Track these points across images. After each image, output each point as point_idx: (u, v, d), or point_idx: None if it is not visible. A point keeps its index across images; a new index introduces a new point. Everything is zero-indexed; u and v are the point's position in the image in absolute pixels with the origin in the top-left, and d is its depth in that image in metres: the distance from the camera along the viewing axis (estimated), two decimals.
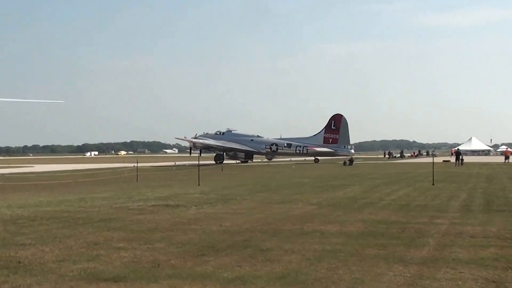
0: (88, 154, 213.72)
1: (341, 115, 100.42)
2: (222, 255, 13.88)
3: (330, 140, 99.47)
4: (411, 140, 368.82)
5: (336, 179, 47.99)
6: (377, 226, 18.71)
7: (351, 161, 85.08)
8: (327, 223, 19.40)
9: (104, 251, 14.20)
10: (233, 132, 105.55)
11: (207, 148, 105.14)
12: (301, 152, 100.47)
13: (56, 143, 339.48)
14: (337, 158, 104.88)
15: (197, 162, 57.28)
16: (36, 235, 16.66)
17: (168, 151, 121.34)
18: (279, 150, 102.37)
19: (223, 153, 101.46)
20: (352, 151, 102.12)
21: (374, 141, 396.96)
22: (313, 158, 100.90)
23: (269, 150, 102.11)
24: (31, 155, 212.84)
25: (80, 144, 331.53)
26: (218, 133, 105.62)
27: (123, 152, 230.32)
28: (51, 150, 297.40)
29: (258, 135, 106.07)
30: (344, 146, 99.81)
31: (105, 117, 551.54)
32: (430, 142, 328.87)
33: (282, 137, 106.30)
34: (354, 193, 31.99)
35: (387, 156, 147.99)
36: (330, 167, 78.95)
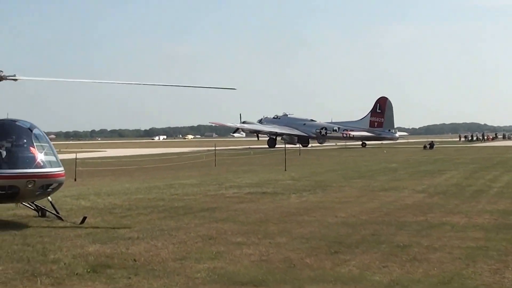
0: (156, 138, 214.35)
1: (386, 98, 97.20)
2: (358, 252, 12.29)
3: (376, 123, 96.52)
4: (481, 123, 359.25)
5: (425, 164, 45.89)
6: (508, 218, 16.81)
7: (431, 145, 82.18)
8: (451, 214, 17.65)
9: (224, 247, 12.70)
10: (288, 116, 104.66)
11: (254, 132, 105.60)
12: (348, 136, 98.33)
13: (123, 128, 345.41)
14: (381, 143, 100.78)
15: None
16: (140, 227, 15.31)
17: (235, 135, 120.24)
18: (328, 134, 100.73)
19: (275, 138, 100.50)
20: (397, 134, 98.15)
21: (444, 124, 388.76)
22: (360, 142, 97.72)
23: (318, 133, 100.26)
24: (99, 139, 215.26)
25: (148, 128, 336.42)
26: (276, 117, 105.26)
27: (190, 136, 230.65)
28: (119, 135, 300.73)
29: (311, 119, 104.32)
30: (389, 130, 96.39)
31: (172, 101, 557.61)
32: (502, 125, 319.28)
33: (332, 121, 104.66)
34: (456, 180, 29.98)
35: (463, 139, 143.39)
36: (410, 151, 76.31)
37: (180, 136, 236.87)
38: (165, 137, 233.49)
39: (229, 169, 42.05)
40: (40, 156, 15.36)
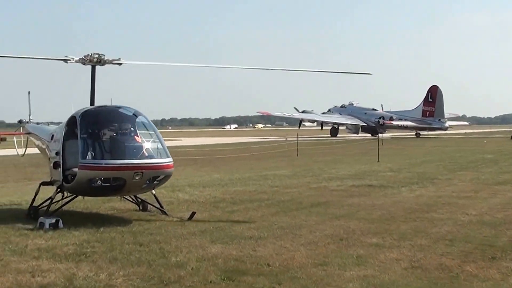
0: (227, 127, 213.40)
1: (437, 87, 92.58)
2: None
3: (428, 113, 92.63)
4: None
5: None
6: None
7: None
8: None
9: (362, 250, 11.30)
10: (354, 105, 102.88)
11: (313, 122, 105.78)
12: (403, 126, 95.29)
13: (193, 116, 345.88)
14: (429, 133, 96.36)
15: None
16: (256, 224, 13.98)
17: (306, 124, 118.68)
18: (385, 124, 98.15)
19: (337, 127, 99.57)
20: (446, 124, 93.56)
21: None
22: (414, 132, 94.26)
23: (377, 123, 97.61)
24: (170, 128, 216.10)
25: (218, 117, 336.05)
26: (342, 106, 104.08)
27: (260, 125, 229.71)
28: (189, 123, 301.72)
29: (373, 108, 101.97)
30: (439, 119, 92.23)
31: (242, 90, 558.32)
32: None
33: (384, 109, 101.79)
34: None
35: None
36: (496, 141, 73.05)
37: (250, 125, 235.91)
38: (236, 126, 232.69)
39: (314, 160, 40.54)
40: (147, 145, 14.17)
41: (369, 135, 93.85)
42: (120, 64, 15.58)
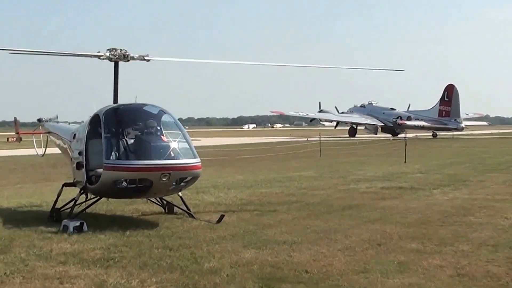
0: (246, 126, 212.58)
1: (453, 86, 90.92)
2: None
3: (444, 112, 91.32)
4: None
5: None
6: None
7: None
8: None
9: (403, 256, 10.93)
10: (373, 105, 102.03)
11: (330, 122, 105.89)
12: (418, 126, 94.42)
13: (210, 116, 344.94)
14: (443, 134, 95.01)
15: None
16: (288, 228, 13.65)
17: (326, 123, 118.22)
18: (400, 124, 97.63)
19: (356, 127, 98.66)
20: (462, 125, 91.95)
21: None
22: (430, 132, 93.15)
23: (394, 122, 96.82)
24: (187, 127, 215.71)
25: (235, 116, 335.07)
26: (362, 106, 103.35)
27: (278, 125, 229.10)
28: (206, 123, 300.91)
29: (392, 108, 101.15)
30: (455, 120, 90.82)
31: (260, 90, 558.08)
32: None
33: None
34: None
35: None
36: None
37: (269, 124, 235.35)
38: (254, 125, 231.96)
39: (338, 160, 40.10)
40: (174, 145, 13.86)
41: (390, 135, 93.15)
42: (147, 60, 15.27)
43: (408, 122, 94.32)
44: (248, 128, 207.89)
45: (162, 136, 14.07)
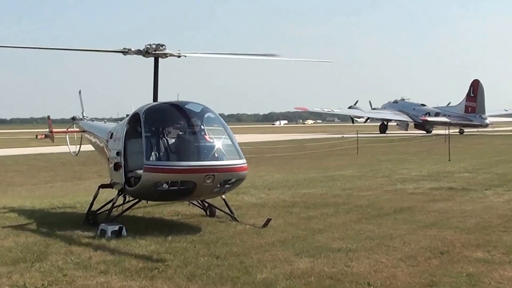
0: (277, 123, 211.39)
1: (478, 81, 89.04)
2: None
3: (470, 108, 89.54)
4: None
5: None
6: None
7: None
8: None
9: (471, 267, 10.31)
10: (405, 101, 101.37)
11: (359, 118, 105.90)
12: (440, 122, 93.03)
13: (240, 112, 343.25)
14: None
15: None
16: (340, 234, 13.02)
17: (359, 120, 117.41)
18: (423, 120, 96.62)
19: (386, 123, 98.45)
20: (487, 121, 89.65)
21: None
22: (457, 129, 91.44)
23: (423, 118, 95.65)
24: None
25: (266, 112, 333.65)
26: (395, 102, 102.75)
27: (310, 121, 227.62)
28: (237, 119, 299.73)
29: (422, 104, 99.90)
30: (479, 116, 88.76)
31: (292, 85, 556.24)
32: None
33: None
34: None
35: None
36: None
37: (300, 121, 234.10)
38: (286, 122, 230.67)
39: (378, 158, 39.32)
40: (218, 145, 13.29)
41: (424, 132, 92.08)
42: (179, 56, 14.71)
43: (430, 119, 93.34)
44: (280, 124, 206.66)
45: (205, 136, 13.52)
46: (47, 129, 21.00)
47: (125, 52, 14.35)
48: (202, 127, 13.63)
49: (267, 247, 11.71)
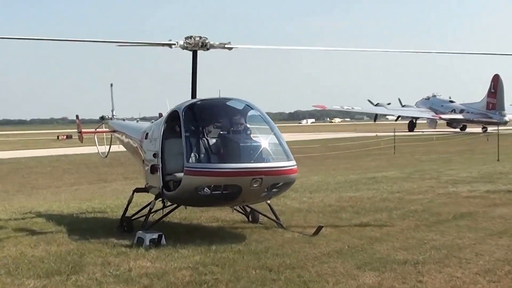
0: (304, 121, 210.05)
1: (498, 76, 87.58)
2: None
3: (491, 105, 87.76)
4: None
5: None
6: None
7: None
8: None
9: None
10: (437, 97, 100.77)
11: (384, 116, 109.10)
12: (469, 119, 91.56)
13: (266, 110, 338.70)
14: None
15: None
16: (401, 243, 12.17)
17: (389, 117, 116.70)
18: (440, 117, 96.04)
19: (414, 121, 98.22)
20: (506, 118, 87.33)
21: None
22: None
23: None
24: None
25: (292, 111, 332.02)
26: (427, 98, 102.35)
27: (337, 120, 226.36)
28: None
29: (450, 100, 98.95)
30: (499, 113, 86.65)
31: (319, 82, 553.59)
32: None
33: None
34: None
35: None
36: None
37: (328, 119, 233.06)
38: (313, 120, 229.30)
39: (417, 158, 38.52)
40: (265, 145, 12.49)
41: (453, 129, 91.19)
42: (230, 48, 13.90)
43: (443, 116, 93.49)
44: (307, 123, 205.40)
45: (251, 135, 12.72)
46: (71, 130, 20.45)
47: (171, 45, 13.54)
48: (248, 125, 12.87)
49: (324, 258, 10.87)
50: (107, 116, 19.10)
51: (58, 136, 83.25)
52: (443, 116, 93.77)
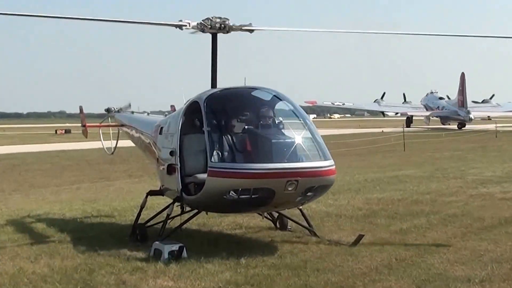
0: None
1: (463, 73, 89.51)
2: None
3: (460, 102, 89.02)
4: None
5: None
6: None
7: None
8: None
9: None
10: (433, 94, 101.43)
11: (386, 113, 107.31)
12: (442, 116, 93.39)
13: None
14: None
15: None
16: (455, 255, 10.78)
17: (390, 113, 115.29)
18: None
19: (411, 118, 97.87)
20: (471, 115, 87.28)
21: None
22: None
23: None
24: None
25: None
26: (426, 95, 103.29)
27: (336, 116, 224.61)
28: None
29: (440, 97, 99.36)
30: (466, 110, 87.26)
31: (321, 76, 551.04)
32: None
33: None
34: None
35: None
36: None
37: (328, 115, 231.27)
38: (314, 116, 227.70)
39: (430, 156, 37.07)
40: (300, 142, 10.97)
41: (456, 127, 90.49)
42: (251, 31, 12.34)
43: (411, 113, 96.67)
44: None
45: (285, 131, 11.25)
46: (70, 124, 18.83)
47: (182, 26, 11.97)
48: (280, 119, 11.38)
49: (373, 275, 9.42)
50: (113, 109, 17.45)
51: (56, 131, 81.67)
52: (416, 113, 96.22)
